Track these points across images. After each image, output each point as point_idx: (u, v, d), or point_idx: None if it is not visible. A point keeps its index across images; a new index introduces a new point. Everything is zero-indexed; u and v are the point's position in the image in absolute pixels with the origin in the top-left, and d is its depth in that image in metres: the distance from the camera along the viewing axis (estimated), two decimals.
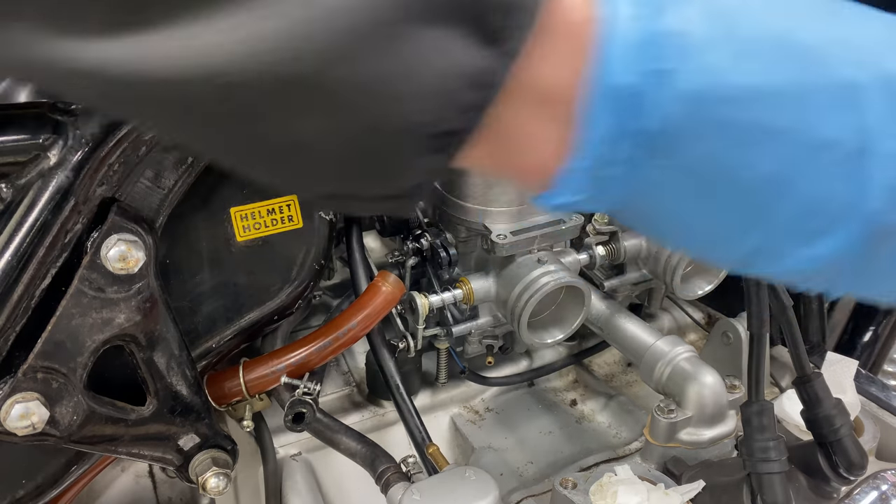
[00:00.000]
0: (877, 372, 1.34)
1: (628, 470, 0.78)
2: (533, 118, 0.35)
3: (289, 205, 0.84)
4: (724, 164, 0.34)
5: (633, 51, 0.32)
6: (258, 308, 0.87)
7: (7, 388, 0.62)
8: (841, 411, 0.72)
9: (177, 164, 0.67)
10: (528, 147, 0.36)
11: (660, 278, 1.08)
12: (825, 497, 0.77)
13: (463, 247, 1.00)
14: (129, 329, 0.67)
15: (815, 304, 1.15)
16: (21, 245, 0.58)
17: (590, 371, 1.22)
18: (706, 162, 0.34)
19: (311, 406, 0.87)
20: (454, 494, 0.78)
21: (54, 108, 0.58)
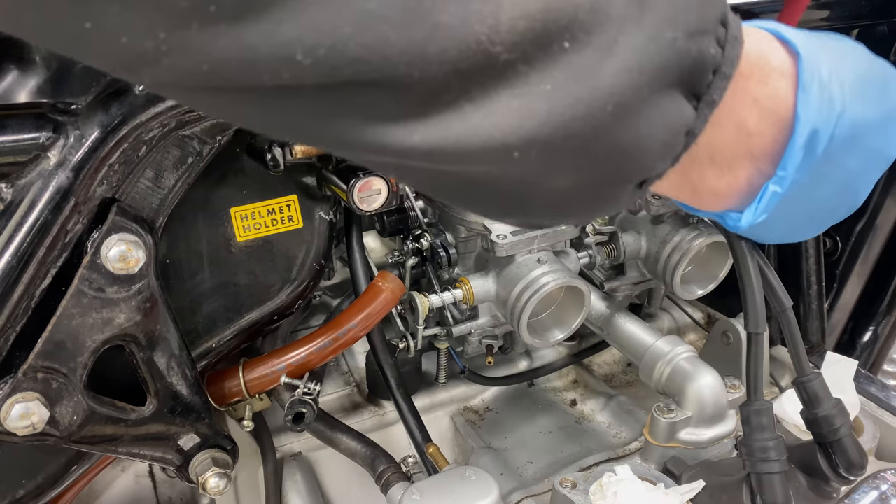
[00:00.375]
0: (876, 372, 1.34)
1: (628, 470, 0.78)
2: (728, 155, 0.45)
3: (289, 205, 0.84)
4: (838, 167, 0.48)
5: (817, 104, 0.44)
6: (258, 308, 0.87)
7: (7, 388, 0.62)
8: (840, 411, 0.72)
9: (177, 163, 0.67)
10: (718, 177, 0.46)
11: (660, 278, 1.08)
12: (825, 497, 0.77)
13: (463, 247, 1.00)
14: (129, 329, 0.67)
15: (815, 304, 1.15)
16: (21, 245, 0.58)
17: (590, 371, 1.22)
18: (834, 171, 0.48)
19: (312, 406, 0.87)
20: (454, 494, 0.78)
21: (54, 108, 0.58)
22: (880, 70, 0.50)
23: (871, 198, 1.13)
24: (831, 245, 1.20)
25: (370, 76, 0.30)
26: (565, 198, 0.40)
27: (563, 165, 0.36)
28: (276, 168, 0.76)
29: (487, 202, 0.41)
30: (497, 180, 0.37)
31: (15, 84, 0.59)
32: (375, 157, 0.36)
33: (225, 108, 0.34)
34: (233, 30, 0.28)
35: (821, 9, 0.87)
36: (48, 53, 0.57)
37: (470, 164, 0.35)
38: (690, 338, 1.29)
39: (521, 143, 0.34)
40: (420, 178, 0.39)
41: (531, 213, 0.42)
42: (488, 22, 0.30)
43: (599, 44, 0.33)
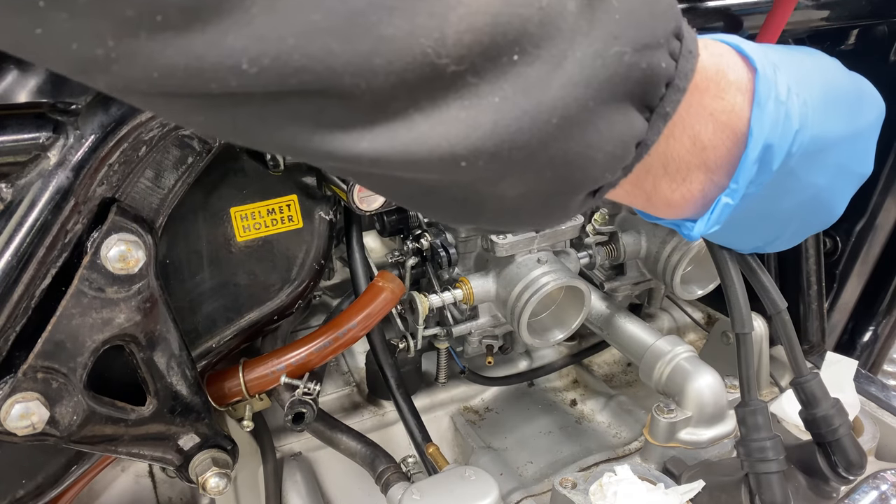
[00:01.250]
0: (876, 372, 1.34)
1: (628, 470, 0.78)
2: (682, 167, 0.45)
3: (289, 205, 0.84)
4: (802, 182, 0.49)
5: (772, 119, 0.44)
6: (258, 308, 0.87)
7: (7, 388, 0.62)
8: (839, 411, 0.72)
9: (177, 163, 0.67)
10: (672, 188, 0.46)
11: (659, 278, 1.08)
12: (824, 497, 0.77)
13: (463, 247, 1.00)
14: (129, 329, 0.67)
15: (815, 304, 1.15)
16: (21, 245, 0.58)
17: (590, 371, 1.22)
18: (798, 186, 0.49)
19: (311, 406, 0.87)
20: (454, 494, 0.78)
21: (54, 108, 0.58)
22: (852, 87, 0.51)
23: (871, 198, 1.13)
24: (831, 245, 1.20)
25: (316, 86, 0.31)
26: (516, 206, 0.40)
27: (511, 176, 0.37)
28: (276, 168, 0.76)
29: (440, 209, 0.42)
30: (448, 188, 0.37)
31: (15, 84, 0.59)
32: (327, 163, 0.36)
33: (179, 113, 0.34)
34: (180, 38, 0.28)
35: (821, 9, 0.87)
36: None
37: (418, 172, 0.35)
38: (690, 338, 1.29)
39: (468, 153, 0.34)
40: (374, 183, 0.40)
41: (483, 221, 0.42)
42: (434, 35, 0.30)
43: (548, 57, 0.33)
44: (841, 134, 0.49)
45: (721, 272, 0.67)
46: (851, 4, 0.90)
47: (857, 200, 1.12)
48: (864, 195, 1.13)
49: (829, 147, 0.48)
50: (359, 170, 0.36)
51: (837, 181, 0.52)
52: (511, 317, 0.95)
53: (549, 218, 0.43)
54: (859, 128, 0.51)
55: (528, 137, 0.34)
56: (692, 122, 0.43)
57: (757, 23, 0.83)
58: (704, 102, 0.43)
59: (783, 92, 0.45)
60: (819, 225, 0.57)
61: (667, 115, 0.40)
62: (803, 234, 0.57)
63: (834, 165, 0.50)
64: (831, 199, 0.54)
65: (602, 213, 1.12)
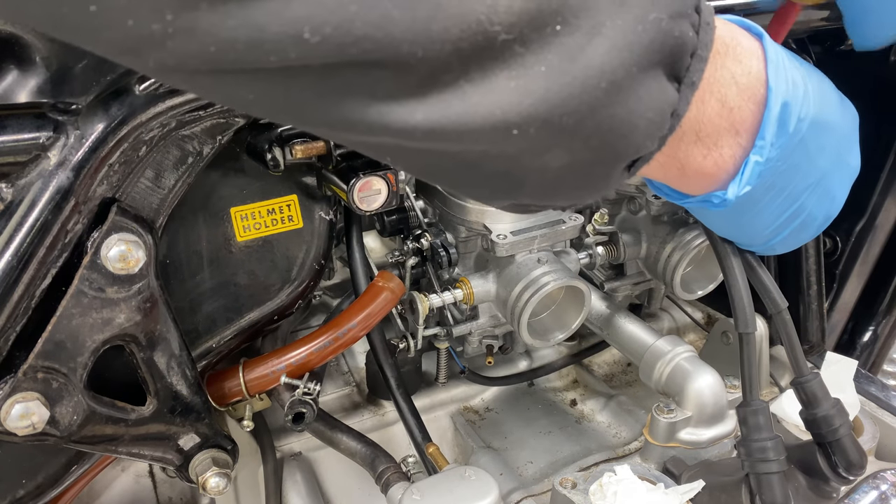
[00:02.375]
0: (876, 372, 1.34)
1: (628, 470, 0.78)
2: (713, 131, 0.47)
3: (289, 205, 0.84)
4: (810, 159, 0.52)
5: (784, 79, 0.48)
6: (258, 308, 0.87)
7: (7, 388, 0.62)
8: (839, 411, 0.72)
9: (177, 163, 0.67)
10: (704, 154, 0.48)
11: (660, 279, 1.08)
12: (824, 497, 0.77)
13: (463, 247, 1.00)
14: (129, 329, 0.67)
15: (815, 304, 1.15)
16: (21, 245, 0.58)
17: (590, 371, 1.22)
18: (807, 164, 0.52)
19: (311, 406, 0.87)
20: (454, 494, 0.78)
21: (54, 108, 0.58)
22: (834, 88, 0.56)
23: (870, 198, 1.13)
24: (831, 245, 1.20)
25: (375, 55, 0.31)
26: (558, 178, 0.41)
27: (559, 145, 0.37)
28: (276, 168, 0.76)
29: (480, 184, 0.42)
30: (493, 160, 0.38)
31: (15, 84, 0.59)
32: (376, 139, 0.36)
33: (226, 91, 0.34)
34: (242, 9, 0.28)
35: (821, 9, 0.87)
36: (48, 53, 0.57)
37: (469, 142, 0.36)
38: (690, 338, 1.29)
39: (521, 119, 0.35)
40: (416, 160, 0.40)
41: (523, 195, 0.43)
42: (487, 2, 0.31)
43: (587, 27, 0.35)
44: (835, 121, 0.53)
45: (725, 272, 0.67)
46: None
47: (857, 200, 1.13)
48: (864, 195, 1.13)
49: (828, 129, 0.52)
50: (406, 145, 0.36)
51: (837, 169, 0.56)
52: (511, 317, 0.95)
53: (589, 190, 0.44)
54: (846, 121, 0.56)
55: (577, 103, 0.35)
56: (718, 85, 0.46)
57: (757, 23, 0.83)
58: (727, 65, 0.46)
59: (786, 62, 0.49)
60: (823, 218, 0.59)
61: (693, 85, 0.42)
62: (809, 228, 0.59)
63: (833, 150, 0.54)
64: (833, 187, 0.57)
65: (602, 213, 1.12)
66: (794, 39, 0.96)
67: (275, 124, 0.77)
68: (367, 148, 0.40)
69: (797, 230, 0.59)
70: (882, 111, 1.05)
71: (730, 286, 0.67)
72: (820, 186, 0.56)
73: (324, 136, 0.37)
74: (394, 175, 0.80)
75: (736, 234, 0.63)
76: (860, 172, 0.62)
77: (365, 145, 0.39)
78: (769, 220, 0.57)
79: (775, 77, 0.48)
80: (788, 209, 0.56)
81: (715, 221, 0.61)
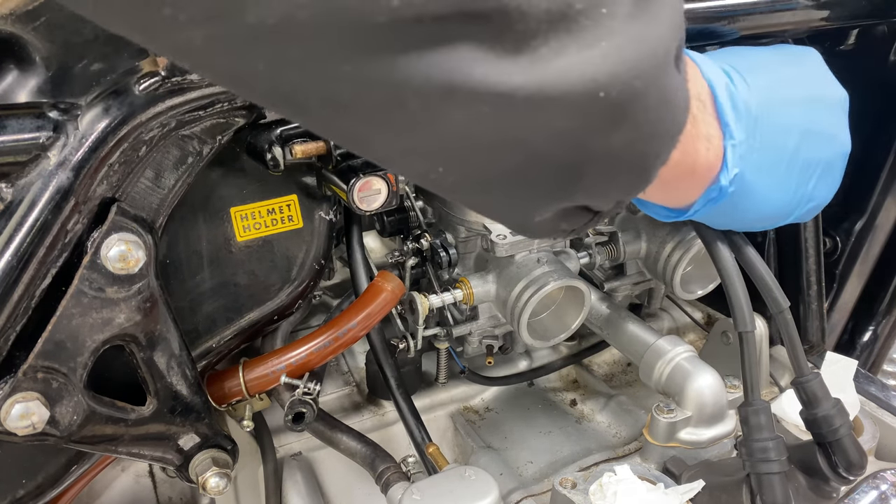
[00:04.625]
0: (876, 372, 1.34)
1: (628, 470, 0.78)
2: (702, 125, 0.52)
3: (289, 205, 0.84)
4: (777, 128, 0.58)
5: (711, 69, 0.55)
6: (258, 308, 0.87)
7: (7, 388, 0.62)
8: (840, 411, 0.72)
9: (177, 163, 0.67)
10: (706, 147, 0.53)
11: (659, 278, 1.08)
12: (825, 497, 0.77)
13: (463, 247, 1.00)
14: (129, 329, 0.67)
15: (815, 304, 1.15)
16: (21, 245, 0.58)
17: (590, 371, 1.22)
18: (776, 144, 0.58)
19: (311, 406, 0.87)
20: (454, 494, 0.78)
21: (54, 108, 0.58)
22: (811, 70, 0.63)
23: (870, 198, 1.13)
24: (831, 245, 1.20)
25: (484, 4, 0.32)
26: (617, 162, 0.43)
27: (629, 112, 0.39)
28: (276, 168, 0.76)
29: (538, 184, 0.43)
30: (565, 142, 0.39)
31: (15, 84, 0.59)
32: (474, 108, 0.36)
33: (316, 62, 0.33)
34: None
35: (821, 9, 0.87)
36: (48, 53, 0.57)
37: (558, 112, 0.37)
38: (690, 337, 1.29)
39: (607, 80, 0.36)
40: (483, 157, 0.40)
41: (578, 191, 0.44)
42: None
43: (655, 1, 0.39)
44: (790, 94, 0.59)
45: (721, 272, 0.67)
46: (851, 4, 0.90)
47: (857, 200, 1.13)
48: (864, 195, 1.13)
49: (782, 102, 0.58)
50: (502, 116, 0.36)
51: (810, 146, 0.60)
52: (511, 317, 0.95)
53: (640, 176, 0.46)
54: (812, 94, 0.61)
55: (647, 66, 0.38)
56: (693, 83, 0.51)
57: (757, 23, 0.83)
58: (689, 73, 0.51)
59: (709, 60, 0.56)
60: (833, 156, 0.63)
61: (686, 74, 0.46)
62: (827, 170, 0.63)
63: (798, 128, 0.59)
64: (814, 167, 0.61)
65: None
66: (795, 40, 0.96)
67: (274, 124, 0.77)
68: (440, 139, 0.39)
69: (818, 179, 0.62)
70: (882, 111, 1.05)
71: (726, 286, 0.67)
72: (801, 168, 0.60)
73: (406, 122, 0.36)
74: (393, 175, 0.80)
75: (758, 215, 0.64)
76: (860, 172, 0.63)
77: (460, 120, 0.37)
78: (782, 186, 0.60)
79: (708, 72, 0.54)
80: (791, 169, 0.60)
81: (726, 216, 0.63)
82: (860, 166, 1.08)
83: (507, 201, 0.46)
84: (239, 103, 0.65)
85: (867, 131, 1.07)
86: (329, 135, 0.43)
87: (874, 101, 1.04)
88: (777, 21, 0.85)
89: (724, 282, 0.68)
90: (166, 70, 0.58)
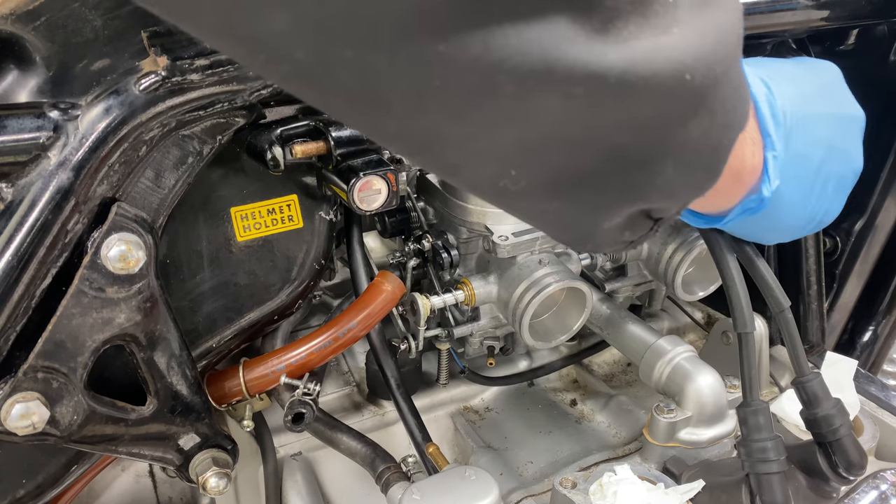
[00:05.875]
0: (876, 372, 1.34)
1: (628, 470, 0.78)
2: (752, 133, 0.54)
3: (289, 205, 0.84)
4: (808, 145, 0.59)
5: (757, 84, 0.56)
6: (258, 308, 0.87)
7: (7, 388, 0.62)
8: (840, 411, 0.72)
9: (177, 163, 0.67)
10: (753, 152, 0.54)
11: (661, 280, 1.08)
12: (825, 497, 0.77)
13: (464, 248, 1.00)
14: (129, 329, 0.67)
15: (815, 304, 1.15)
16: (21, 245, 0.58)
17: (590, 371, 1.22)
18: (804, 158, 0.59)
19: (311, 406, 0.87)
20: (454, 494, 0.78)
21: (54, 108, 0.58)
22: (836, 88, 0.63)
23: (870, 198, 1.13)
24: (831, 245, 1.20)
25: None
26: (692, 159, 0.43)
27: (708, 98, 0.39)
28: (276, 168, 0.76)
29: (619, 178, 0.42)
30: (645, 134, 0.39)
31: (15, 84, 0.59)
32: (566, 88, 0.35)
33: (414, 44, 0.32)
34: None
35: (821, 9, 0.87)
36: (48, 53, 0.57)
37: (647, 96, 0.36)
38: (690, 338, 1.29)
39: (693, 61, 0.36)
40: (563, 154, 0.39)
41: (652, 190, 0.44)
42: None
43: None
44: (821, 111, 0.59)
45: (722, 273, 0.68)
46: (851, 4, 0.90)
47: (857, 200, 1.13)
48: (864, 195, 1.13)
49: (814, 118, 0.58)
50: (597, 98, 0.36)
51: (832, 160, 0.60)
52: (512, 318, 0.95)
53: (710, 173, 0.46)
54: (838, 111, 0.61)
55: (724, 51, 0.38)
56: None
57: (757, 23, 0.84)
58: None
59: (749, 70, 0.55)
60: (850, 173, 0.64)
61: None
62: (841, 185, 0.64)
63: (824, 142, 0.59)
64: (834, 179, 0.62)
65: None
66: (795, 39, 0.96)
67: (275, 124, 0.77)
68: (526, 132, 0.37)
69: (834, 195, 0.63)
70: (882, 111, 1.05)
71: (727, 287, 0.68)
72: (822, 178, 0.61)
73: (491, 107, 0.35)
74: (394, 175, 0.80)
75: (783, 227, 0.64)
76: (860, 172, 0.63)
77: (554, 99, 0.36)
78: (806, 201, 0.61)
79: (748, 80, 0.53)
80: (815, 184, 0.61)
81: (755, 227, 0.64)
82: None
83: (577, 206, 0.44)
84: (239, 103, 0.66)
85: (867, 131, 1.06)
86: (400, 138, 0.39)
87: (874, 101, 1.04)
88: (777, 21, 0.85)
89: (725, 282, 0.68)
90: (166, 70, 0.58)
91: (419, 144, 0.39)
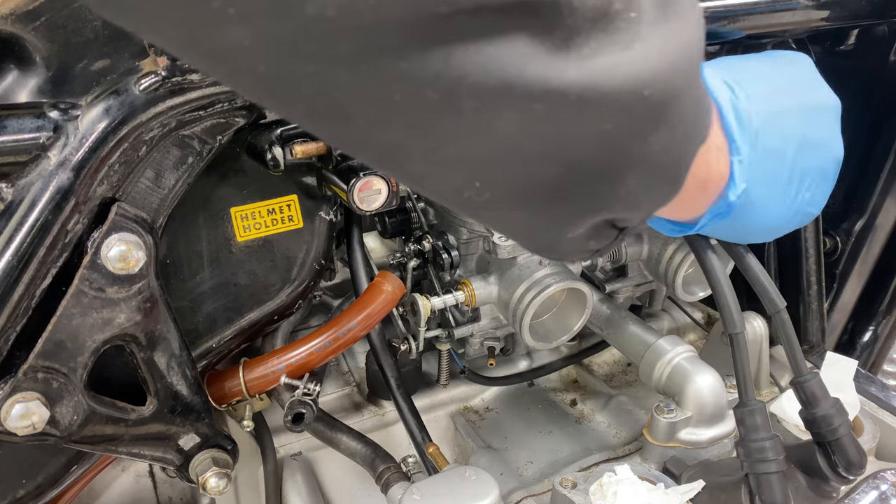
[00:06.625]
0: (876, 372, 1.34)
1: (628, 470, 0.78)
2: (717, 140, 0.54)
3: (289, 205, 0.84)
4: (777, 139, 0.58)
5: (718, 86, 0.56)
6: (258, 308, 0.87)
7: (7, 388, 0.62)
8: (839, 411, 0.72)
9: (177, 163, 0.67)
10: (718, 159, 0.54)
11: (661, 280, 1.08)
12: (824, 497, 0.77)
13: (465, 249, 1.00)
14: (129, 329, 0.67)
15: (815, 304, 1.15)
16: (21, 245, 0.58)
17: (590, 371, 1.22)
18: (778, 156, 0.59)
19: (311, 406, 0.87)
20: (454, 494, 0.78)
21: (54, 108, 0.58)
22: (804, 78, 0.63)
23: (870, 198, 1.13)
24: (831, 245, 1.20)
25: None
26: (653, 171, 0.43)
27: (668, 113, 0.39)
28: (276, 168, 0.76)
29: (581, 190, 0.42)
30: (604, 146, 0.39)
31: (15, 84, 0.59)
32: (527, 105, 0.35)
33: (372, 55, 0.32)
34: None
35: (821, 9, 0.87)
36: (48, 53, 0.57)
37: (605, 111, 0.37)
38: (690, 338, 1.29)
39: (651, 77, 0.37)
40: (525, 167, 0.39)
41: (613, 202, 0.44)
42: None
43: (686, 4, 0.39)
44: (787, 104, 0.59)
45: (708, 275, 0.68)
46: (851, 4, 0.90)
47: (857, 200, 1.13)
48: (864, 195, 1.13)
49: (781, 114, 0.58)
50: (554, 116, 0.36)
51: (806, 156, 0.60)
52: (513, 319, 0.95)
53: (672, 183, 0.46)
54: (805, 102, 0.61)
55: (683, 66, 0.39)
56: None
57: (757, 23, 0.83)
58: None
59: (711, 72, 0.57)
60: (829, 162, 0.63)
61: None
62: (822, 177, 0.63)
63: (795, 138, 0.59)
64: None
65: None
66: (795, 40, 0.96)
67: (275, 124, 0.77)
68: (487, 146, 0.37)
69: (815, 188, 0.63)
70: (882, 111, 1.05)
71: (714, 289, 0.68)
72: (801, 177, 0.61)
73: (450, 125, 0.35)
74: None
75: (761, 227, 0.64)
76: (860, 172, 0.63)
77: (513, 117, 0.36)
78: (782, 197, 0.61)
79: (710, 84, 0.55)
80: (791, 180, 0.60)
81: (731, 230, 0.63)
82: (860, 166, 1.08)
83: (541, 217, 0.45)
84: (239, 103, 0.66)
85: (867, 131, 1.07)
86: (365, 149, 0.39)
87: (874, 101, 1.04)
88: (777, 21, 0.85)
89: (711, 284, 0.68)
90: (166, 70, 0.58)
91: (383, 155, 0.39)
